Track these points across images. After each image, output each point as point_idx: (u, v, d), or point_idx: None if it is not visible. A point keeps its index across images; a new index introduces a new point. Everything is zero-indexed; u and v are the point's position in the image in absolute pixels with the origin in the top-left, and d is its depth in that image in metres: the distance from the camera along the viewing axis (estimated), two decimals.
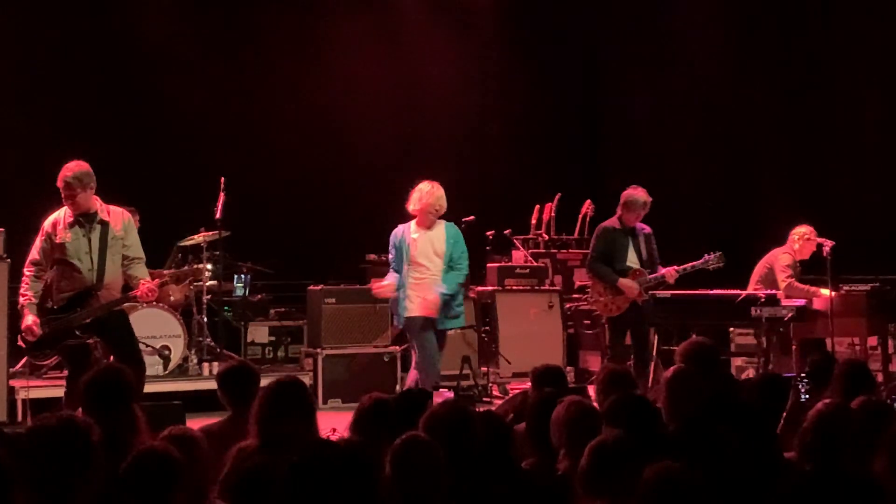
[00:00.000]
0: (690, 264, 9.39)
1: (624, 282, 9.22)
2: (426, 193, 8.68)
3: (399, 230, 8.82)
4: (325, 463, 3.54)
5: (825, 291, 9.41)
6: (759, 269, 9.96)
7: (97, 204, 7.52)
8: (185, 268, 9.93)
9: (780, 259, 9.84)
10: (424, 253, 8.70)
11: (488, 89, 14.42)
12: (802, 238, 9.89)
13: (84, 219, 7.47)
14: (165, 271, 10.12)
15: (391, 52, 13.96)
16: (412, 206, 8.74)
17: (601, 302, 9.44)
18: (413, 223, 8.79)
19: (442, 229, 8.79)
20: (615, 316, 9.36)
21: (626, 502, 3.69)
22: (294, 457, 3.61)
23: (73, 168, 7.40)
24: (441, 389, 7.41)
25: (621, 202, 9.41)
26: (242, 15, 13.34)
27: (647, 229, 9.48)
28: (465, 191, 13.51)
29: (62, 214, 7.53)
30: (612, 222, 9.46)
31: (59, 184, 7.38)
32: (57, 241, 7.46)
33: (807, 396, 6.21)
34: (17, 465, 3.62)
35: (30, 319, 7.42)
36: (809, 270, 10.04)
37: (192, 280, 9.85)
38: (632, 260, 9.35)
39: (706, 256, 9.38)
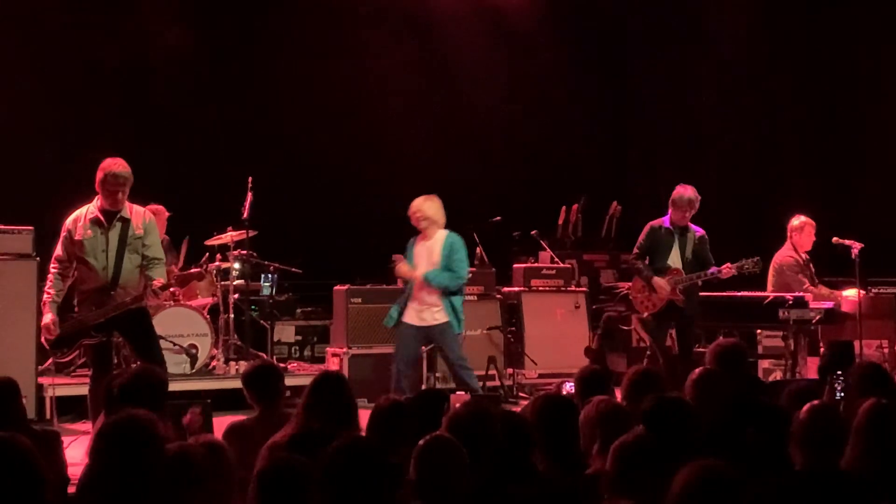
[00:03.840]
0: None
1: (657, 280, 9.12)
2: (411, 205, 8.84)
3: (413, 238, 8.95)
4: (349, 461, 3.57)
5: (848, 293, 9.34)
6: (770, 275, 9.88)
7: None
8: (192, 269, 9.91)
9: (784, 265, 9.75)
10: (420, 264, 8.78)
11: (516, 92, 14.42)
12: (795, 230, 9.86)
13: (105, 216, 7.40)
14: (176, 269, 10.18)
15: (422, 54, 13.97)
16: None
17: (637, 299, 9.33)
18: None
19: (440, 238, 8.82)
20: (653, 313, 9.25)
21: (653, 502, 3.68)
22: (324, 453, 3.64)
23: (126, 165, 7.35)
24: (458, 393, 7.44)
25: (670, 200, 9.28)
26: (270, 15, 13.39)
27: (701, 231, 9.30)
28: (493, 191, 13.56)
29: (84, 212, 7.48)
30: (662, 221, 9.29)
31: (110, 176, 7.27)
32: (76, 238, 7.41)
33: (842, 394, 6.15)
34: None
35: (48, 318, 7.41)
36: (838, 272, 9.98)
37: (204, 279, 9.81)
38: (673, 259, 9.18)
39: (742, 260, 9.20)
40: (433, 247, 8.82)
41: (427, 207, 8.86)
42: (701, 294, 9.38)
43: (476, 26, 14.20)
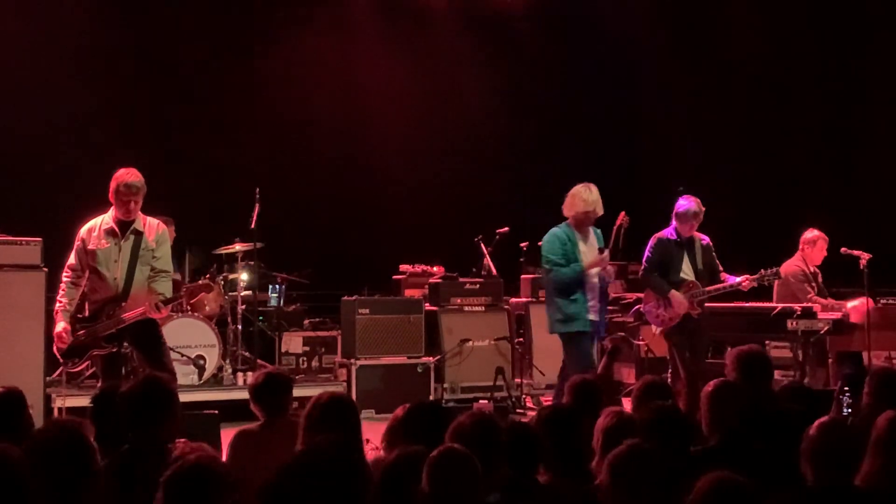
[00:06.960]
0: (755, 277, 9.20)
1: (674, 295, 9.00)
2: (578, 199, 8.84)
3: (560, 231, 8.97)
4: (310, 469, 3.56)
5: (853, 302, 9.32)
6: (775, 286, 9.83)
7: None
8: (200, 281, 9.89)
9: (791, 275, 9.71)
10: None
11: (522, 101, 14.42)
12: (808, 243, 9.84)
13: (119, 227, 7.46)
14: (185, 284, 10.17)
15: (424, 64, 13.99)
16: (567, 210, 8.91)
17: (652, 313, 9.25)
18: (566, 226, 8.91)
19: (593, 237, 8.91)
20: (670, 328, 9.18)
21: None
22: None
23: (139, 175, 7.41)
24: (481, 401, 7.41)
25: (674, 212, 9.22)
26: (279, 26, 13.43)
27: (706, 240, 9.21)
28: (499, 202, 13.55)
29: (98, 222, 7.53)
30: (668, 233, 9.17)
31: (122, 186, 7.35)
32: (89, 248, 7.46)
33: (849, 410, 6.12)
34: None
35: (60, 327, 7.45)
36: (846, 283, 9.95)
37: (212, 290, 9.80)
38: (686, 271, 9.05)
39: (762, 271, 9.16)
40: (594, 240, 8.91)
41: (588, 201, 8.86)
42: (707, 305, 9.33)
43: (478, 33, 14.22)
